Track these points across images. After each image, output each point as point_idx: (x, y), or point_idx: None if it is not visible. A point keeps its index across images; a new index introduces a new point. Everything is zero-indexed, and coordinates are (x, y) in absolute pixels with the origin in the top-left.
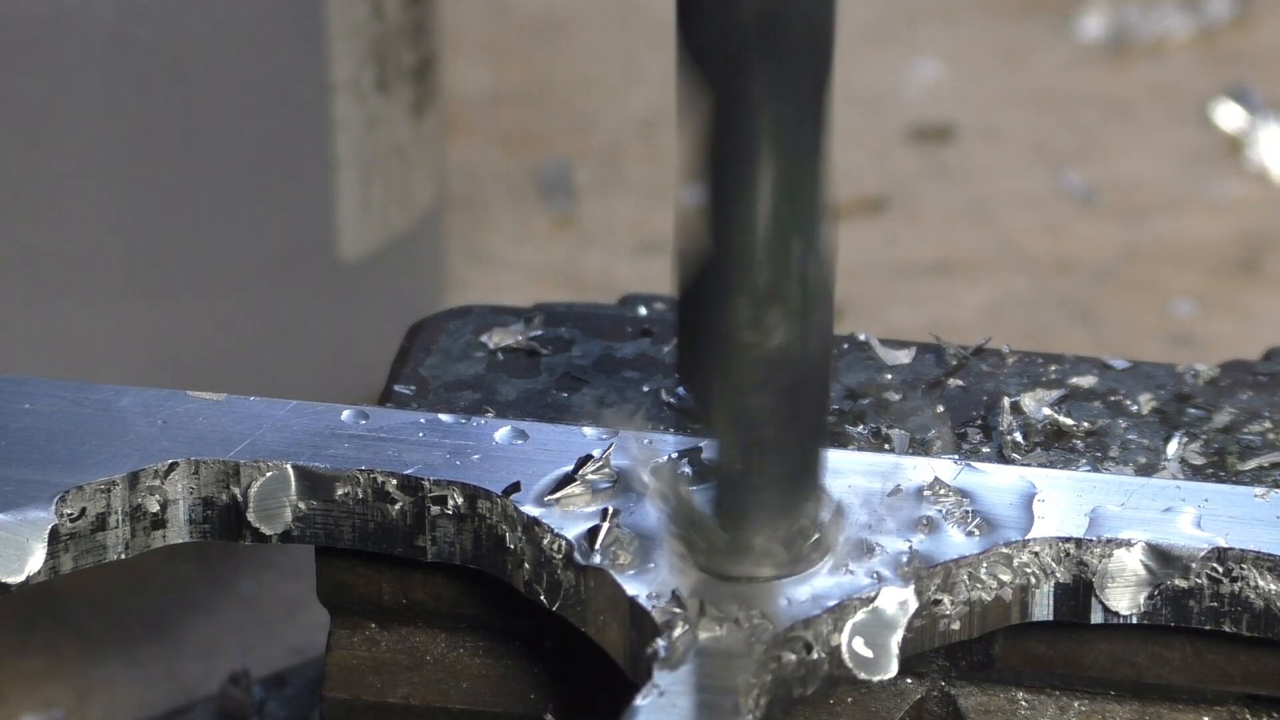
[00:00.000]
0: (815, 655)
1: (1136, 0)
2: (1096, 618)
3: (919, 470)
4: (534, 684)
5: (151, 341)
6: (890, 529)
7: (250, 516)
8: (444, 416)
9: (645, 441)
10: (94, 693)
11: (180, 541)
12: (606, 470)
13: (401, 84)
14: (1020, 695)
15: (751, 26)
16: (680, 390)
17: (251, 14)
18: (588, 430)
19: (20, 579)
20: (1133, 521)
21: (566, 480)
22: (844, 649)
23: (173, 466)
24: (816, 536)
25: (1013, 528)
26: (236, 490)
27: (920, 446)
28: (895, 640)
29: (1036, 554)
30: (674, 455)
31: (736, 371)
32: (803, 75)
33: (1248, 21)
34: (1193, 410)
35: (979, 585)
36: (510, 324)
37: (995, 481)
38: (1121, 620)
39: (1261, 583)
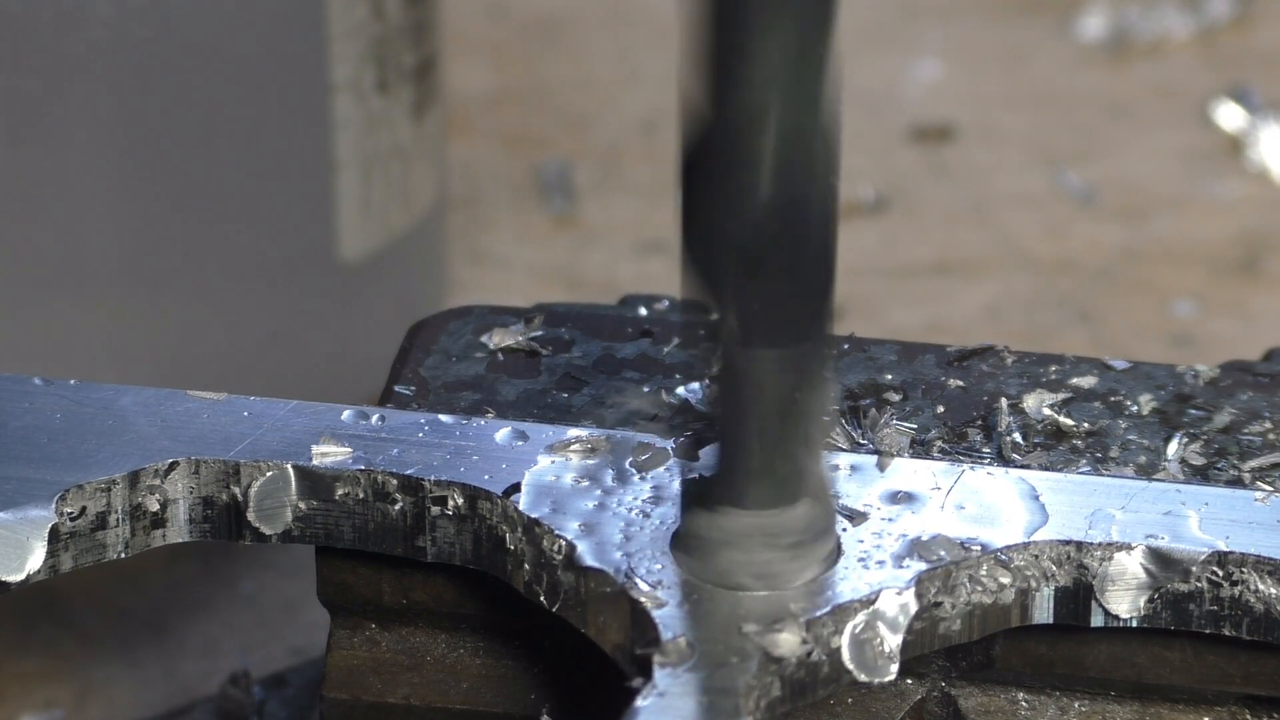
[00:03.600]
0: (815, 657)
1: (1136, 0)
2: (1097, 621)
3: (919, 473)
4: (534, 684)
5: (151, 341)
6: (889, 530)
7: (250, 516)
8: (444, 417)
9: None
10: (94, 693)
11: (180, 541)
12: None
13: (402, 84)
14: (1020, 696)
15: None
16: (679, 390)
17: (251, 14)
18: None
19: (20, 578)
20: (1133, 525)
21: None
22: (844, 651)
23: (173, 466)
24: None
25: (1013, 530)
26: (236, 490)
27: (920, 447)
28: (895, 642)
29: (1036, 557)
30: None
31: (740, 224)
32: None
33: (1248, 21)
34: (1193, 411)
35: (979, 588)
36: (510, 324)
37: (995, 483)
38: (1122, 624)
39: (1262, 586)
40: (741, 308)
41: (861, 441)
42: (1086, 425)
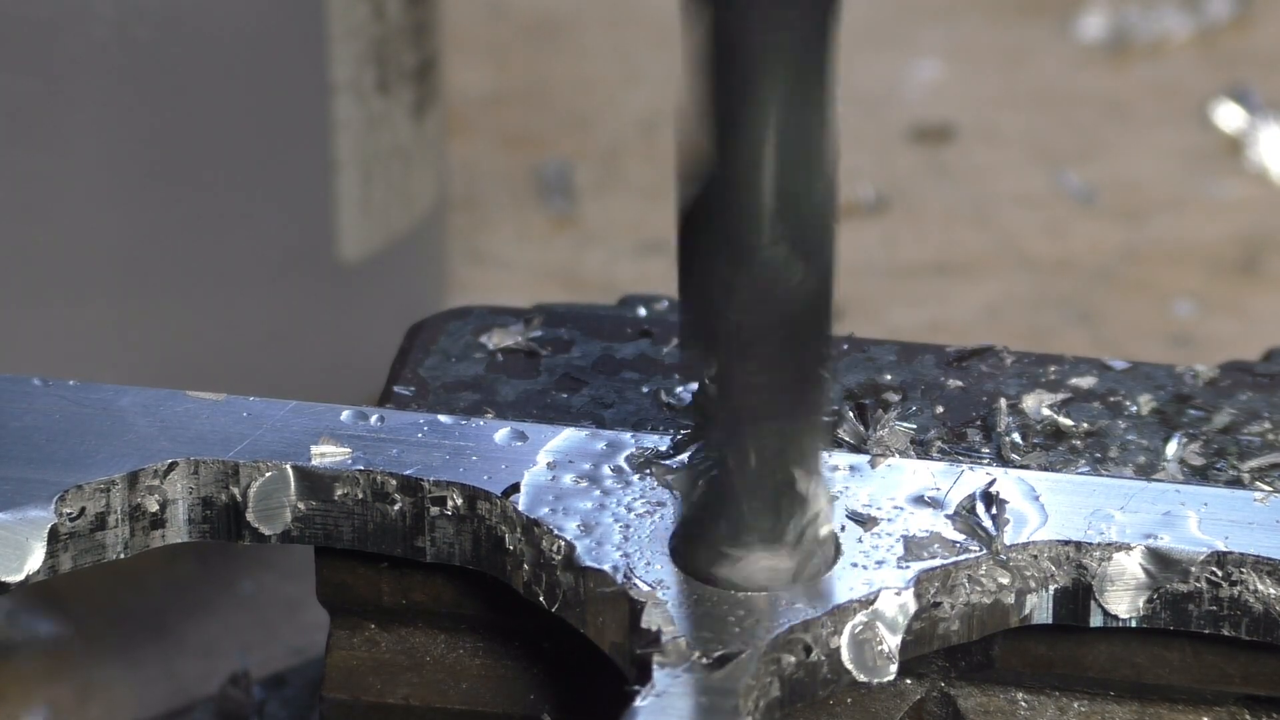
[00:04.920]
0: (814, 658)
1: (1136, 0)
2: (1096, 621)
3: (918, 473)
4: (533, 684)
5: (151, 341)
6: (888, 530)
7: (249, 516)
8: (443, 417)
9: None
10: (94, 693)
11: (179, 541)
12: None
13: (402, 84)
14: (1020, 696)
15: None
16: (679, 391)
17: (252, 14)
18: None
19: (20, 578)
20: (1132, 525)
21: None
22: (843, 651)
23: (172, 466)
24: (816, 537)
25: (1012, 530)
26: (236, 490)
27: (919, 447)
28: (894, 642)
29: (1036, 557)
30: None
31: (736, 283)
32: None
33: (1248, 21)
34: (1192, 411)
35: (978, 588)
36: (510, 325)
37: (993, 483)
38: (1121, 624)
39: (1261, 587)
40: (737, 372)
41: (861, 441)
42: (1086, 425)
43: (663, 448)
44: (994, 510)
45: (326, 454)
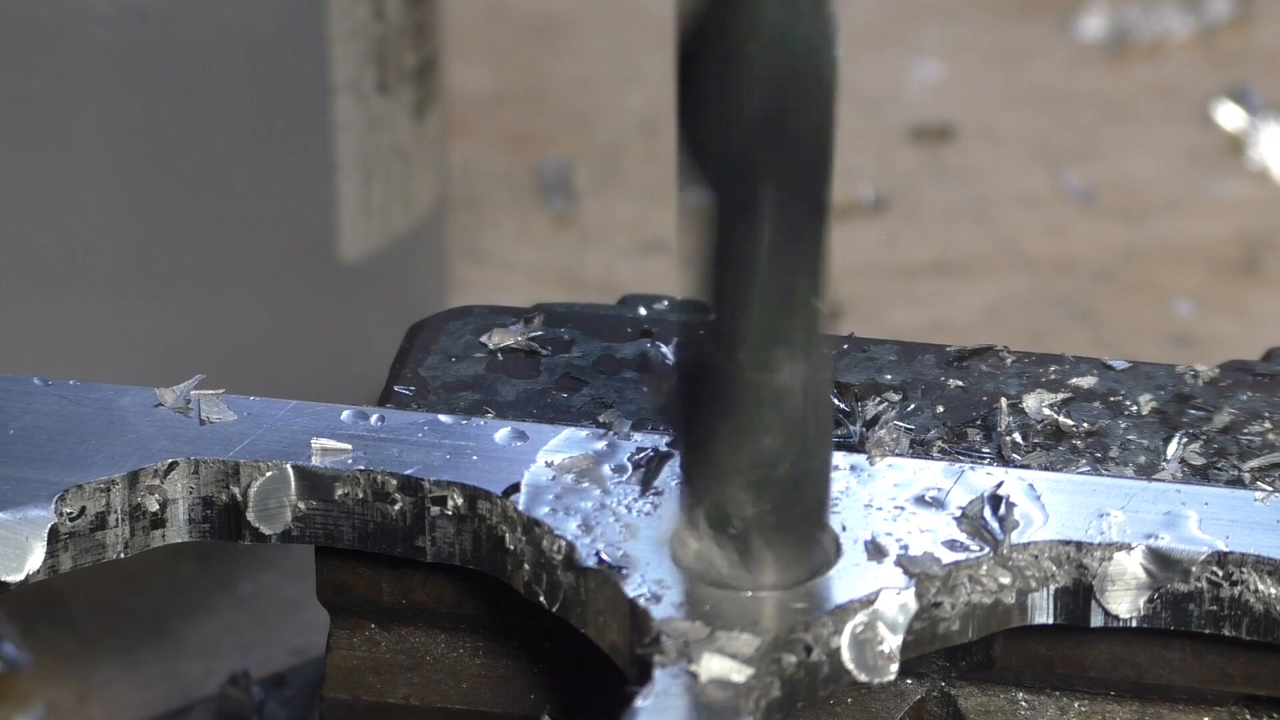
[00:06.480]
0: (815, 657)
1: (1136, 0)
2: (1097, 621)
3: (919, 473)
4: (534, 684)
5: (151, 341)
6: (889, 530)
7: (250, 516)
8: (444, 417)
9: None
10: (94, 693)
11: (180, 541)
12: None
13: (403, 85)
14: (1020, 696)
15: (755, 127)
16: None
17: (252, 14)
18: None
19: (20, 577)
20: (1133, 525)
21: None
22: (844, 651)
23: (172, 466)
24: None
25: (1013, 530)
26: (236, 490)
27: (920, 447)
28: (895, 642)
29: (1036, 557)
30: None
31: (742, 412)
32: (805, 175)
33: (1248, 21)
34: (1193, 411)
35: (979, 588)
36: (510, 324)
37: (994, 484)
38: (1121, 624)
39: (1261, 587)
40: (735, 210)
41: (860, 441)
42: (1086, 425)
43: (663, 447)
44: (1001, 512)
45: (327, 453)
